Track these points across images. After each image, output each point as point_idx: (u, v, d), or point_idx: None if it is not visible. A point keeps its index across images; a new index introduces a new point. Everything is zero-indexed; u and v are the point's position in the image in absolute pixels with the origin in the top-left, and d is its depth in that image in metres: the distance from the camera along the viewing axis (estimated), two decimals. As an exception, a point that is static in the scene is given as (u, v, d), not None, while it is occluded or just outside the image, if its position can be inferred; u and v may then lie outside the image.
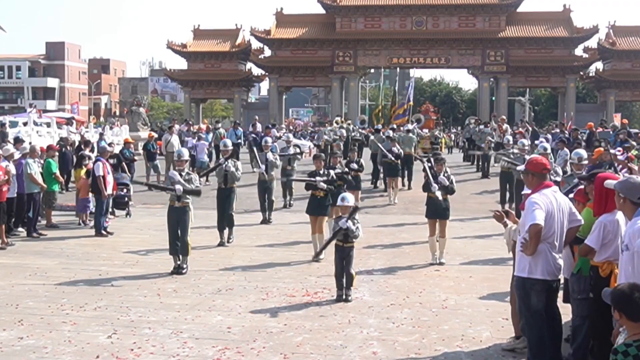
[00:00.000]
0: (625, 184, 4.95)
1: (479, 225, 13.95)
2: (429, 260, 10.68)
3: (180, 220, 10.00)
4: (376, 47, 54.23)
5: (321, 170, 11.40)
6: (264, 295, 8.65)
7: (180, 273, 9.80)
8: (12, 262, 10.73)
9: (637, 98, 56.41)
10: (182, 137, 25.44)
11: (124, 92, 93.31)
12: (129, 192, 16.00)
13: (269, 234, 13.49)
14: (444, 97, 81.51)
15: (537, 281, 5.46)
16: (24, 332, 7.05)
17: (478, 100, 58.36)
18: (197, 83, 57.24)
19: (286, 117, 64.05)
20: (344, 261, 8.45)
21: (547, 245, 5.44)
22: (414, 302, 8.34)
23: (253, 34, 54.70)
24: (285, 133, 28.10)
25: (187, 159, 10.68)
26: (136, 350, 6.49)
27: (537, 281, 5.46)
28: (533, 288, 5.49)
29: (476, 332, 7.12)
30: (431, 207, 10.75)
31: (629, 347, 3.82)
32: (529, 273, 5.49)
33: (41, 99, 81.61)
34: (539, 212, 5.32)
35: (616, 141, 18.60)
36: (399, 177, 18.35)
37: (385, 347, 6.66)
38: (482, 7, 53.27)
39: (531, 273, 5.48)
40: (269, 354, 6.44)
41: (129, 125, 31.89)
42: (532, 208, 5.38)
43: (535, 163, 5.73)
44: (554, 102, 63.76)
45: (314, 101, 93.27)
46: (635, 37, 52.94)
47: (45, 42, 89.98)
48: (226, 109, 77.86)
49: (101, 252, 11.62)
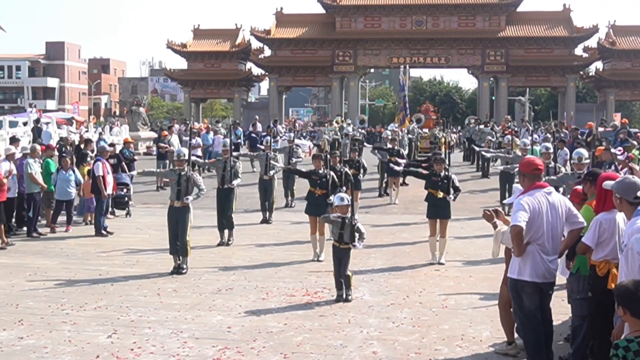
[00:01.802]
0: (620, 184, 4.95)
1: (479, 225, 13.91)
2: (429, 259, 10.68)
3: (180, 220, 9.98)
4: (376, 46, 54.22)
5: (320, 170, 11.39)
6: (264, 295, 8.65)
7: (180, 273, 9.80)
8: (12, 262, 10.73)
9: (637, 97, 56.38)
10: (181, 137, 25.41)
11: (124, 92, 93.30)
12: (129, 192, 16.01)
13: (269, 233, 13.49)
14: (444, 97, 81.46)
15: (526, 283, 5.44)
16: (24, 331, 7.05)
17: (478, 100, 58.35)
18: (197, 83, 57.21)
19: (286, 117, 64.00)
20: (341, 262, 8.44)
21: (536, 246, 5.40)
22: (414, 301, 8.34)
23: (253, 33, 54.69)
24: (287, 133, 28.10)
25: (187, 159, 10.66)
26: (136, 350, 6.49)
27: (527, 283, 5.43)
28: (523, 290, 5.47)
29: (476, 332, 7.12)
30: (432, 207, 10.74)
31: (631, 343, 3.83)
32: (518, 275, 5.48)
33: (41, 99, 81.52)
34: (521, 213, 5.29)
35: (616, 140, 18.60)
36: (400, 176, 18.34)
37: (385, 346, 6.65)
38: (482, 7, 53.26)
39: (520, 275, 5.46)
40: (269, 353, 6.44)
41: (129, 125, 31.88)
42: (516, 209, 5.37)
43: (526, 164, 5.69)
44: (554, 102, 63.70)
45: (314, 101, 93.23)
46: (635, 36, 52.92)
47: (45, 42, 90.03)
48: (226, 109, 77.84)
49: (101, 251, 11.62)
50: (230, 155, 12.58)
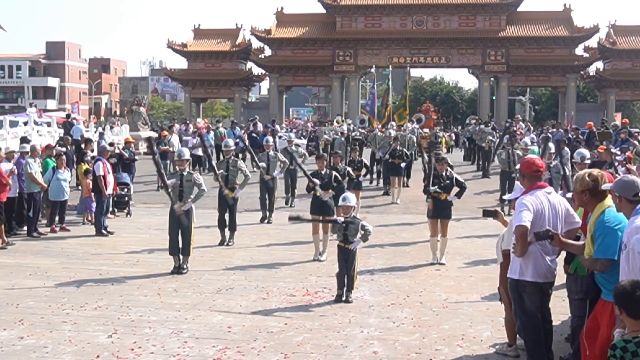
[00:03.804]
0: (619, 183, 4.96)
1: (480, 225, 13.93)
2: (430, 259, 10.67)
3: (183, 220, 9.95)
4: (376, 46, 54.25)
5: (323, 171, 11.38)
6: (264, 294, 8.64)
7: (181, 273, 9.79)
8: (12, 262, 10.73)
9: (638, 97, 56.41)
10: (181, 137, 25.42)
11: (124, 91, 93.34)
12: (129, 192, 16.01)
13: (270, 233, 13.49)
14: (444, 97, 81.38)
15: (528, 283, 5.44)
16: (24, 331, 7.04)
17: (478, 100, 58.37)
18: (197, 82, 57.25)
19: (286, 116, 64.03)
20: (347, 262, 8.43)
21: (537, 246, 5.40)
22: (414, 301, 8.34)
23: (253, 33, 54.73)
24: (287, 132, 28.09)
25: (187, 159, 10.64)
26: (136, 350, 6.48)
27: (529, 283, 5.44)
28: (525, 290, 5.48)
29: (477, 332, 7.11)
30: (433, 207, 10.73)
31: (628, 343, 3.85)
32: (520, 275, 5.48)
33: (41, 99, 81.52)
34: (525, 213, 5.30)
35: (617, 140, 18.61)
36: (402, 176, 18.36)
37: (385, 346, 6.65)
38: (482, 7, 53.29)
39: (522, 275, 5.46)
40: (270, 353, 6.44)
41: (130, 124, 31.88)
42: (519, 209, 5.37)
43: (527, 164, 5.70)
44: (555, 102, 63.75)
45: (314, 101, 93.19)
46: (635, 36, 52.94)
47: (46, 42, 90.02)
48: (226, 109, 77.85)
49: (101, 251, 11.62)
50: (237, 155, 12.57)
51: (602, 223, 4.90)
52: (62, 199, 13.94)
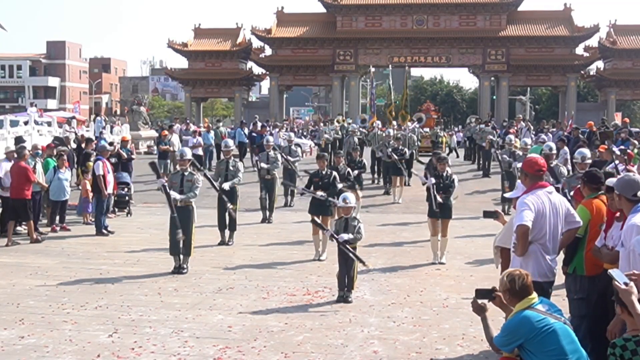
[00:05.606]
0: (620, 181, 4.97)
1: (480, 224, 13.93)
2: (430, 259, 10.68)
3: (184, 220, 9.90)
4: (377, 46, 54.19)
5: (324, 171, 11.38)
6: (264, 294, 8.65)
7: (181, 273, 9.79)
8: (12, 261, 10.73)
9: (638, 97, 56.36)
10: (181, 137, 25.39)
11: (124, 91, 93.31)
12: (129, 191, 16.01)
13: (270, 233, 13.49)
14: (445, 96, 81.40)
15: None
16: (24, 331, 7.05)
17: (479, 99, 58.33)
18: (197, 82, 57.20)
19: (287, 116, 63.99)
20: (347, 262, 8.43)
21: (538, 246, 5.41)
22: (414, 301, 8.34)
23: (254, 33, 54.68)
24: (287, 132, 28.07)
25: (189, 159, 10.62)
26: (137, 350, 6.49)
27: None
28: None
29: (477, 331, 7.10)
30: (433, 207, 10.73)
31: (628, 342, 3.85)
32: None
33: (42, 98, 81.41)
34: (527, 212, 5.30)
35: (617, 140, 18.60)
36: (404, 175, 18.35)
37: (386, 346, 6.66)
38: (482, 6, 53.22)
39: None
40: (270, 353, 6.44)
41: (130, 124, 31.89)
42: (520, 209, 5.38)
43: (529, 163, 5.70)
44: (555, 101, 63.68)
45: (314, 100, 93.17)
46: (636, 35, 52.86)
47: (46, 41, 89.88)
48: (227, 108, 77.84)
49: (102, 251, 11.63)
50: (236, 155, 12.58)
51: (510, 322, 4.70)
52: (63, 198, 13.95)
